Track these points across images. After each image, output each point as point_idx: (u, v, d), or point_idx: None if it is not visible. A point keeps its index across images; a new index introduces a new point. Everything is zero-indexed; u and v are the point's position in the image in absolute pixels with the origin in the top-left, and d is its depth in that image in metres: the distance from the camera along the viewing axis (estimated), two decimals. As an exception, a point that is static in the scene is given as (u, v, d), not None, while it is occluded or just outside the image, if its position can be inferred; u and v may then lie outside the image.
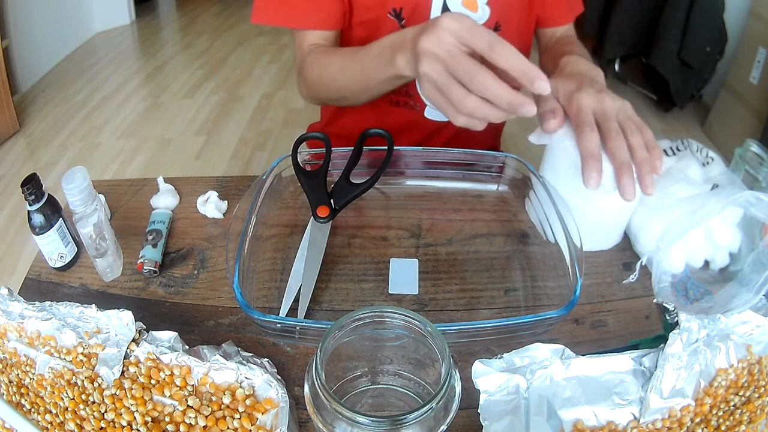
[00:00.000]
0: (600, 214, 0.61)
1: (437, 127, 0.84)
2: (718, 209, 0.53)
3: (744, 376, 0.45)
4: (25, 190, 0.55)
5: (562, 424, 0.42)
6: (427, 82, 0.54)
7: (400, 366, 0.45)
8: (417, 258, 0.62)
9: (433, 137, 0.86)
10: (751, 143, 0.63)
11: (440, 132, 0.85)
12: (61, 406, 0.44)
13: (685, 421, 0.42)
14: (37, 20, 2.55)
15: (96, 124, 2.34)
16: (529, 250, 0.64)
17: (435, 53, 0.52)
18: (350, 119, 0.87)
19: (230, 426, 0.42)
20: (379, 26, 0.76)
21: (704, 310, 0.55)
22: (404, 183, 0.72)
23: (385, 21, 0.75)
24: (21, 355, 0.48)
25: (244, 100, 2.57)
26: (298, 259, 0.59)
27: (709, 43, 2.08)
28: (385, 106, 0.82)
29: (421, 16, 0.74)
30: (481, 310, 0.57)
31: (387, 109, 0.83)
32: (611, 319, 0.56)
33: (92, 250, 0.57)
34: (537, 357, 0.44)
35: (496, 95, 0.49)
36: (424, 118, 0.82)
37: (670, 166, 0.64)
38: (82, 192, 0.54)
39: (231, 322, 0.56)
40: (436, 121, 0.83)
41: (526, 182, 0.67)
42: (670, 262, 0.57)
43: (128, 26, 3.35)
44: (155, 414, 0.43)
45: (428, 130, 0.84)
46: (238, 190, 0.73)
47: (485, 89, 0.49)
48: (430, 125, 0.83)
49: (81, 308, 0.48)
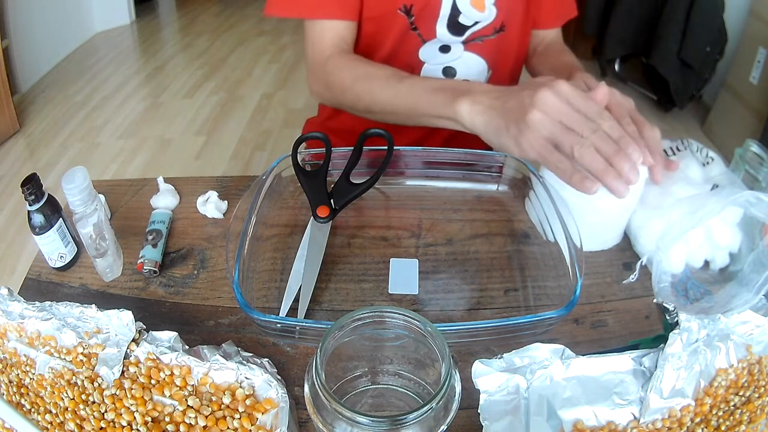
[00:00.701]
0: (600, 214, 0.61)
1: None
2: (718, 209, 0.53)
3: (744, 376, 0.45)
4: (25, 190, 0.55)
5: (562, 424, 0.42)
6: (537, 131, 0.54)
7: (400, 366, 0.45)
8: (417, 258, 0.62)
9: (432, 135, 0.86)
10: (751, 143, 0.63)
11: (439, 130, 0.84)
12: (61, 406, 0.44)
13: (685, 421, 0.42)
14: (37, 20, 2.55)
15: (96, 124, 2.34)
16: (529, 250, 0.64)
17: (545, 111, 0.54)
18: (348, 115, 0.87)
19: (230, 426, 0.42)
20: (388, 22, 0.76)
21: (704, 310, 0.55)
22: (404, 183, 0.72)
23: (394, 17, 0.76)
24: (21, 355, 0.48)
25: (244, 100, 2.57)
26: (298, 259, 0.59)
27: (709, 43, 2.08)
28: None
29: (430, 13, 0.75)
30: (481, 310, 0.57)
31: None
32: (611, 319, 0.56)
33: (92, 250, 0.57)
34: (537, 357, 0.44)
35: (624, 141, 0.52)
36: None
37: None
38: (82, 192, 0.54)
39: (231, 322, 0.56)
40: None
41: (526, 182, 0.67)
42: (670, 262, 0.57)
43: (128, 26, 3.34)
44: (155, 414, 0.43)
45: (426, 128, 0.84)
46: (238, 190, 0.73)
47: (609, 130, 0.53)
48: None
49: (81, 308, 0.48)
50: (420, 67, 0.81)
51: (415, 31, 0.77)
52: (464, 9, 0.75)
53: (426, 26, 0.77)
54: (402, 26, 0.77)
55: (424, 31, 0.77)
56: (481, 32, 0.78)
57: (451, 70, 0.81)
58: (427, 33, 0.77)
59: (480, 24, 0.77)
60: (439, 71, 0.81)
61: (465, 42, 0.79)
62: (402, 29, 0.77)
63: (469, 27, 0.77)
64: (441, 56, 0.80)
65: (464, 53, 0.80)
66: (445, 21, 0.76)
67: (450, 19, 0.76)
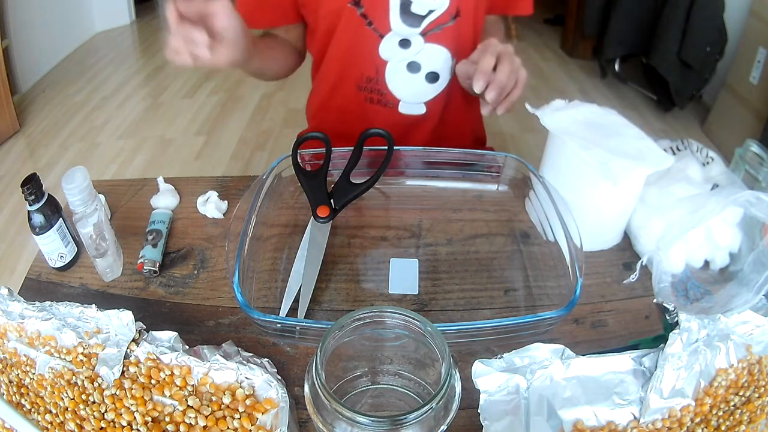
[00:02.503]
0: (600, 214, 0.61)
1: (413, 122, 0.85)
2: (718, 209, 0.53)
3: (744, 376, 0.45)
4: (25, 190, 0.55)
5: (562, 424, 0.42)
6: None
7: (400, 366, 0.45)
8: (417, 258, 0.62)
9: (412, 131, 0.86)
10: (751, 143, 0.63)
11: (418, 126, 0.85)
12: (61, 406, 0.44)
13: (685, 421, 0.42)
14: (37, 20, 2.55)
15: (96, 124, 2.34)
16: (529, 250, 0.64)
17: None
18: (333, 118, 0.89)
19: (230, 426, 0.42)
20: (342, 17, 0.77)
21: (704, 310, 0.55)
22: (404, 183, 0.72)
23: (346, 12, 0.76)
24: (21, 355, 0.48)
25: (244, 100, 2.56)
26: (298, 259, 0.59)
27: (709, 43, 2.08)
28: (363, 103, 0.84)
29: (380, 4, 0.75)
30: (481, 310, 0.57)
31: (365, 107, 0.84)
32: (611, 319, 0.56)
33: (92, 250, 0.57)
34: (537, 357, 0.44)
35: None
36: (398, 113, 0.83)
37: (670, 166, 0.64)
38: (82, 192, 0.54)
39: (231, 322, 0.56)
40: (410, 115, 0.84)
41: (526, 182, 0.67)
42: (670, 262, 0.58)
43: (128, 26, 3.34)
44: (155, 414, 0.43)
45: (404, 124, 0.85)
46: (238, 190, 0.72)
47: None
48: (406, 120, 0.84)
49: (81, 308, 0.48)
50: (384, 66, 0.80)
51: (370, 26, 0.77)
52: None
53: (379, 18, 0.76)
54: (355, 21, 0.77)
55: (378, 25, 0.77)
56: (439, 20, 0.77)
57: (416, 65, 0.80)
58: (381, 26, 0.77)
59: (436, 12, 0.76)
60: (404, 68, 0.80)
61: (424, 33, 0.78)
62: (356, 24, 0.77)
63: (425, 16, 0.76)
64: (402, 52, 0.79)
65: (426, 45, 0.78)
66: (397, 11, 0.75)
67: (402, 8, 0.75)
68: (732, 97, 2.09)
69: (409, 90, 0.82)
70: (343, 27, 0.78)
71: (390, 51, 0.79)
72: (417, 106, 0.83)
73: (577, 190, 0.61)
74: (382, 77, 0.81)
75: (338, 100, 0.86)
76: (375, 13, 0.76)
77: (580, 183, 0.61)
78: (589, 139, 0.60)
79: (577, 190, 0.61)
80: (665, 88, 2.26)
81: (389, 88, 0.82)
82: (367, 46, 0.78)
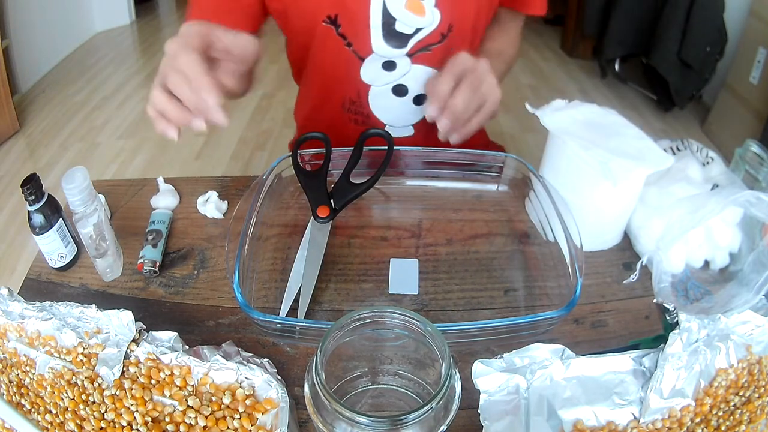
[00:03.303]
0: (600, 214, 0.61)
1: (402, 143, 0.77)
2: (718, 209, 0.53)
3: (744, 376, 0.45)
4: (25, 190, 0.55)
5: (562, 424, 0.42)
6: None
7: (400, 366, 0.45)
8: (417, 258, 0.62)
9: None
10: (751, 143, 0.63)
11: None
12: (61, 406, 0.44)
13: (685, 421, 0.42)
14: (37, 20, 2.55)
15: (96, 124, 2.34)
16: (529, 250, 0.63)
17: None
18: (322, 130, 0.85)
19: (230, 426, 0.42)
20: (317, 36, 0.70)
21: (704, 310, 0.55)
22: (404, 183, 0.72)
23: (321, 30, 0.69)
24: (21, 355, 0.48)
25: (244, 101, 2.56)
26: (298, 260, 0.59)
27: (709, 43, 2.08)
28: (349, 123, 0.79)
29: (360, 23, 0.67)
30: (481, 310, 0.57)
31: (352, 127, 0.79)
32: (611, 319, 0.56)
33: (92, 250, 0.57)
34: (537, 357, 0.44)
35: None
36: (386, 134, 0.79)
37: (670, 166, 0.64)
38: (82, 192, 0.54)
39: (231, 322, 0.56)
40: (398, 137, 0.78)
41: (526, 182, 0.67)
42: (670, 262, 0.57)
43: (128, 26, 3.34)
44: (155, 414, 0.43)
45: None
46: (238, 190, 0.72)
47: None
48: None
49: (81, 308, 0.48)
50: (367, 89, 0.73)
51: (349, 48, 0.69)
52: (399, 14, 0.66)
53: (358, 40, 0.68)
54: (333, 41, 0.69)
55: (358, 47, 0.69)
56: (426, 40, 0.69)
57: (403, 88, 0.73)
58: (362, 48, 0.69)
59: (423, 31, 0.68)
60: (389, 91, 0.73)
61: (410, 54, 0.70)
62: (333, 45, 0.69)
63: (411, 36, 0.68)
64: (386, 75, 0.71)
65: (412, 67, 0.71)
66: (379, 31, 0.67)
67: (385, 28, 0.67)
68: (732, 97, 2.09)
69: (394, 114, 0.76)
70: (319, 46, 0.71)
71: (373, 74, 0.72)
72: (404, 129, 0.79)
73: (577, 190, 0.61)
74: (365, 101, 0.75)
75: (325, 116, 0.81)
76: (354, 33, 0.68)
77: (580, 183, 0.61)
78: (589, 139, 0.60)
79: (577, 190, 0.61)
80: (665, 88, 2.26)
81: (373, 113, 0.76)
82: (347, 68, 0.72)
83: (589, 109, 0.65)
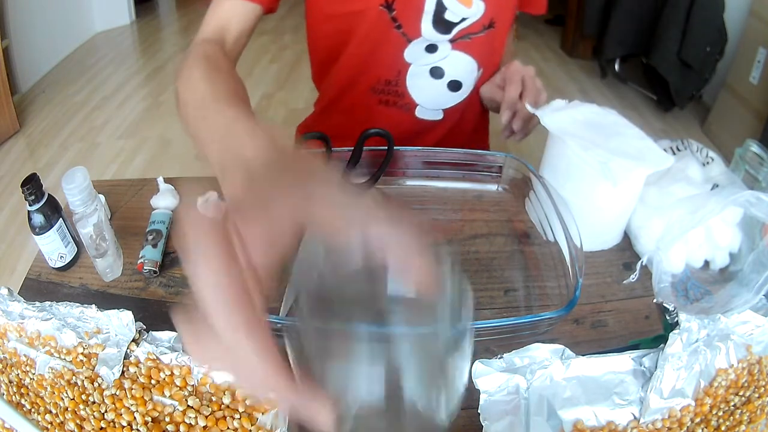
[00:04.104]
0: (600, 214, 0.61)
1: (428, 126, 0.83)
2: (718, 209, 0.53)
3: (744, 376, 0.45)
4: (25, 190, 0.55)
5: (562, 424, 0.42)
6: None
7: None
8: (417, 258, 0.62)
9: (424, 135, 0.85)
10: (751, 143, 0.64)
11: (431, 130, 0.84)
12: (61, 406, 0.44)
13: (685, 421, 0.42)
14: (37, 20, 2.55)
15: (96, 124, 2.34)
16: (529, 250, 0.63)
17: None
18: (341, 119, 0.86)
19: (230, 426, 0.42)
20: (367, 19, 0.73)
21: (704, 310, 0.55)
22: (404, 183, 0.72)
23: (375, 13, 0.72)
24: (21, 355, 0.48)
25: (244, 100, 2.56)
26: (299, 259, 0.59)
27: (709, 43, 2.08)
28: (375, 105, 0.82)
29: (414, 9, 0.72)
30: (481, 310, 0.57)
31: (378, 109, 0.82)
32: (611, 319, 0.56)
33: (92, 250, 0.57)
34: (537, 357, 0.44)
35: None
36: (415, 117, 0.82)
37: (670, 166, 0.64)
38: (82, 192, 0.54)
39: (231, 322, 0.56)
40: (426, 120, 0.82)
41: (526, 182, 0.67)
42: (670, 262, 0.58)
43: (128, 26, 3.34)
44: (155, 414, 0.43)
45: (419, 129, 0.84)
46: (238, 190, 0.72)
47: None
48: (421, 124, 0.83)
49: (81, 308, 0.48)
50: (406, 69, 0.78)
51: (398, 30, 0.74)
52: (450, 4, 0.72)
53: (410, 24, 0.73)
54: (383, 24, 0.73)
55: (408, 30, 0.74)
56: (469, 29, 0.75)
57: (439, 71, 0.78)
58: (411, 31, 0.74)
59: (468, 21, 0.74)
60: (427, 72, 0.78)
61: (452, 40, 0.76)
62: (383, 27, 0.74)
63: (456, 24, 0.74)
64: (427, 56, 0.77)
65: (452, 52, 0.77)
66: (430, 17, 0.73)
67: (435, 15, 0.73)
68: (732, 97, 2.09)
69: (428, 95, 0.80)
70: (370, 28, 0.75)
71: (415, 55, 0.77)
72: (435, 112, 0.82)
73: (577, 190, 0.61)
74: (403, 80, 0.79)
75: (345, 102, 0.84)
76: (406, 17, 0.73)
77: (580, 183, 0.61)
78: (589, 139, 0.60)
79: (577, 190, 0.61)
80: (665, 88, 2.26)
81: (409, 92, 0.80)
82: (391, 49, 0.76)
83: (589, 109, 0.65)
